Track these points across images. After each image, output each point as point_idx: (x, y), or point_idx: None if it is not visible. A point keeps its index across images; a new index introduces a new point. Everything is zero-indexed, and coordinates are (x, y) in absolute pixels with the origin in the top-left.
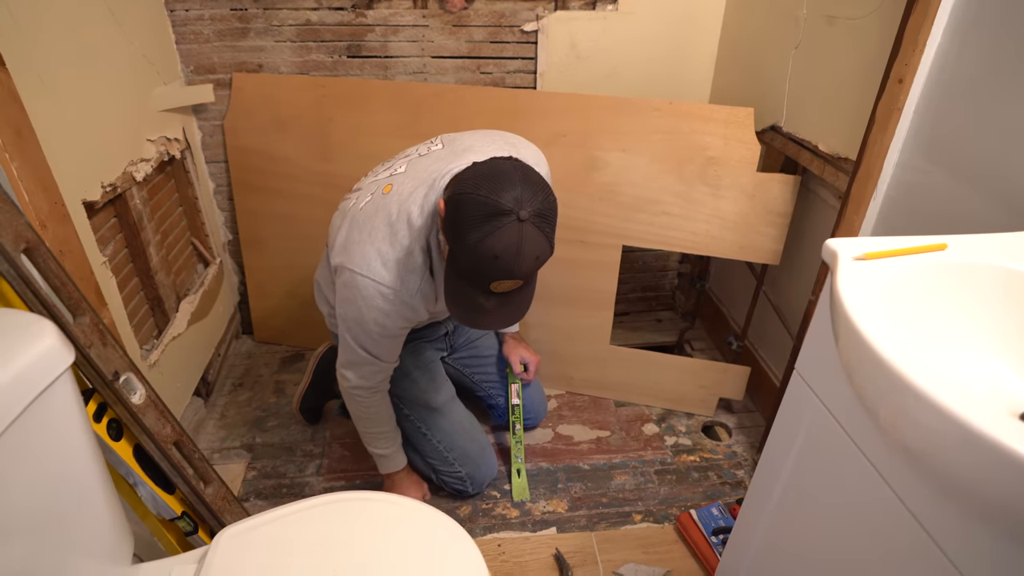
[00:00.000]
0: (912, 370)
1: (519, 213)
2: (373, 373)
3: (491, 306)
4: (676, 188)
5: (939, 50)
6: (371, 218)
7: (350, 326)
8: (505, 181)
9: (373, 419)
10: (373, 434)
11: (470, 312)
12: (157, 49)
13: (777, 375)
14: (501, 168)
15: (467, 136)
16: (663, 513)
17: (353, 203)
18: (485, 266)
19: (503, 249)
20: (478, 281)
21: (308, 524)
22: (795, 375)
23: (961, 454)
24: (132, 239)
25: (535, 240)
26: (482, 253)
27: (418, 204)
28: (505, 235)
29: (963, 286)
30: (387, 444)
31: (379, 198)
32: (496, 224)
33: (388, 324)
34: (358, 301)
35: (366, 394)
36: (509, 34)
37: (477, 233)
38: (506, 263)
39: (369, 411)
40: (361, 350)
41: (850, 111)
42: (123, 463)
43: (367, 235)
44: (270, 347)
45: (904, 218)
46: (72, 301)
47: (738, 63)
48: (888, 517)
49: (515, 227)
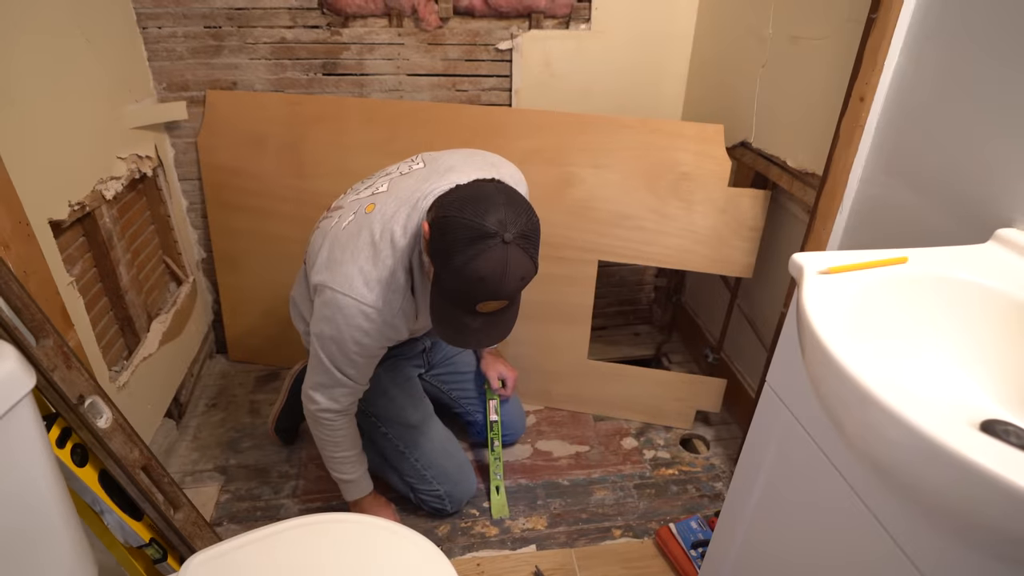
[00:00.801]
0: (874, 382)
1: (504, 235)
2: (344, 395)
3: (477, 326)
4: (650, 203)
5: (896, 69)
6: (354, 238)
7: (326, 345)
8: (489, 204)
9: (340, 443)
10: (340, 459)
11: (457, 332)
12: (129, 66)
13: (753, 387)
14: (485, 191)
15: (448, 155)
16: (643, 527)
17: (335, 222)
18: (471, 288)
19: (489, 271)
20: (464, 302)
21: (280, 548)
22: (766, 387)
23: (923, 465)
24: (101, 258)
25: (520, 261)
26: (468, 275)
27: (401, 224)
28: (491, 258)
29: (923, 298)
30: (353, 469)
31: (361, 217)
32: (481, 247)
33: (368, 344)
34: (338, 320)
35: (334, 417)
36: (484, 52)
37: (463, 256)
38: (492, 285)
39: (336, 435)
40: (336, 370)
41: (816, 128)
42: (88, 490)
43: (350, 255)
44: (245, 366)
45: (869, 231)
46: (35, 323)
47: (708, 81)
48: (858, 527)
49: (500, 249)
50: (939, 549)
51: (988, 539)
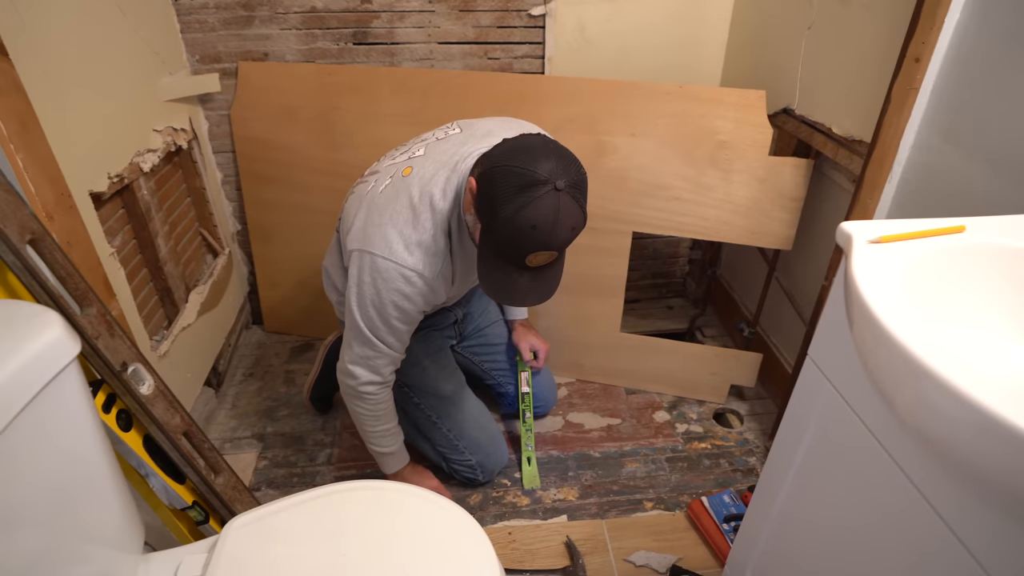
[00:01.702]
0: (929, 355)
1: (556, 183)
2: (385, 365)
3: (525, 281)
4: (686, 173)
5: (958, 27)
6: (391, 201)
7: (366, 312)
8: (539, 153)
9: (381, 416)
10: (380, 432)
11: (504, 288)
12: (162, 38)
13: (789, 362)
14: (533, 142)
15: (485, 122)
16: (674, 501)
17: (371, 187)
18: (522, 237)
19: (541, 219)
20: (514, 255)
21: (317, 513)
22: (808, 361)
23: (979, 441)
24: (140, 230)
25: (571, 210)
26: (519, 224)
27: (440, 187)
28: (543, 205)
29: (982, 269)
30: (392, 441)
31: (399, 181)
32: (533, 194)
33: (408, 308)
34: (379, 284)
35: (377, 390)
36: (516, 18)
37: (514, 204)
38: (544, 233)
39: (378, 408)
40: (376, 339)
41: (865, 92)
42: (133, 454)
43: (388, 218)
44: (280, 337)
45: (920, 201)
46: (79, 292)
47: (749, 45)
48: (903, 505)
49: (552, 196)
50: (992, 528)
51: None
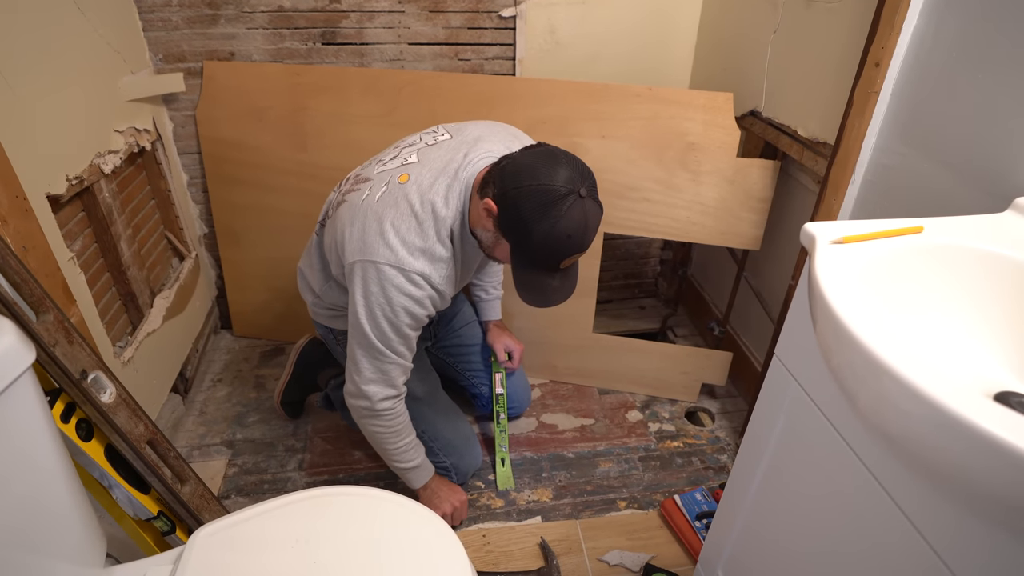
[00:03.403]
0: (888, 352)
1: (579, 191)
2: (399, 374)
3: (557, 283)
4: (657, 174)
5: (915, 32)
6: (391, 208)
7: (377, 324)
8: (554, 165)
9: (401, 430)
10: (402, 448)
11: (542, 294)
12: (123, 37)
13: (759, 360)
14: (543, 156)
15: (471, 126)
16: (647, 499)
17: (366, 195)
18: (559, 247)
19: (574, 228)
20: (550, 264)
21: (287, 520)
22: (775, 360)
23: (937, 437)
24: (102, 234)
25: (595, 212)
26: (556, 237)
27: (442, 195)
28: (573, 215)
29: (940, 268)
30: (416, 453)
31: (396, 188)
32: (562, 207)
33: (418, 313)
34: (389, 292)
35: (394, 404)
36: (487, 20)
37: (547, 221)
38: (578, 240)
39: (397, 423)
40: (388, 350)
41: (828, 95)
42: (96, 465)
43: (390, 226)
44: (250, 341)
45: (882, 202)
46: (34, 298)
47: (718, 48)
48: (867, 500)
49: (579, 205)
50: (950, 522)
51: (1000, 511)
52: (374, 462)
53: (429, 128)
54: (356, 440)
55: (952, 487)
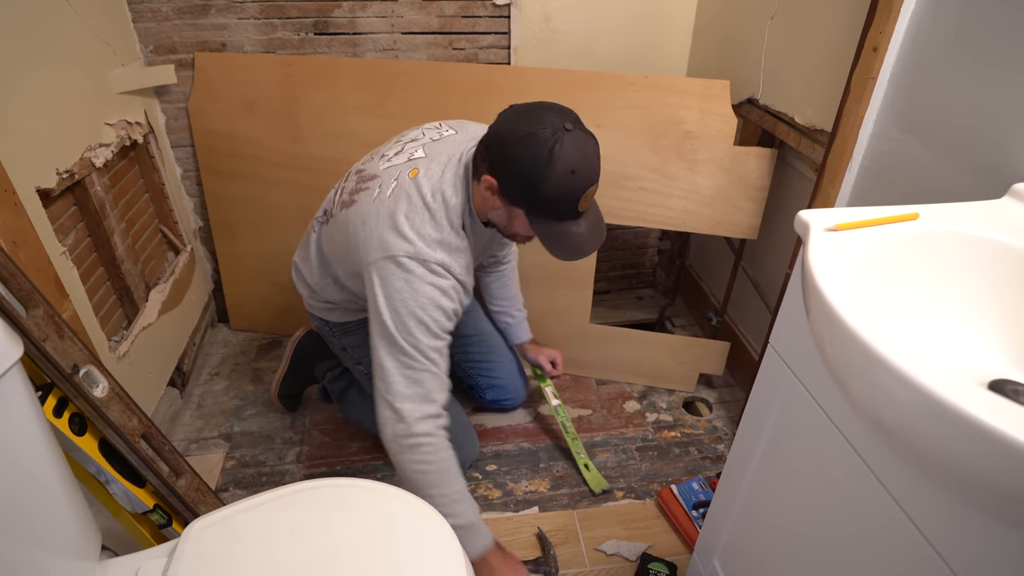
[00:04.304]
0: (882, 341)
1: (564, 125)
2: (437, 387)
3: (584, 229)
4: (652, 163)
5: (913, 17)
6: (404, 202)
7: (402, 322)
8: (528, 115)
9: (447, 470)
10: (450, 497)
11: (572, 245)
12: (113, 28)
13: (756, 349)
14: (517, 112)
15: (474, 124)
16: (644, 489)
17: (377, 193)
18: (570, 187)
19: (575, 161)
20: (569, 207)
21: (283, 512)
22: (769, 349)
23: (930, 425)
24: (95, 228)
25: (589, 141)
26: (559, 177)
27: (450, 184)
28: (567, 150)
29: (935, 255)
30: (468, 507)
31: (406, 183)
32: (554, 148)
33: (446, 305)
34: (413, 283)
35: (433, 427)
36: (481, 8)
37: (546, 166)
38: (584, 172)
39: (439, 457)
40: (417, 353)
41: (826, 82)
42: (91, 460)
43: (404, 219)
44: (247, 335)
45: (880, 189)
46: (23, 293)
47: (715, 35)
48: (860, 488)
49: (570, 137)
50: (941, 510)
51: (993, 499)
52: (371, 454)
53: (432, 123)
54: (353, 432)
55: (943, 475)
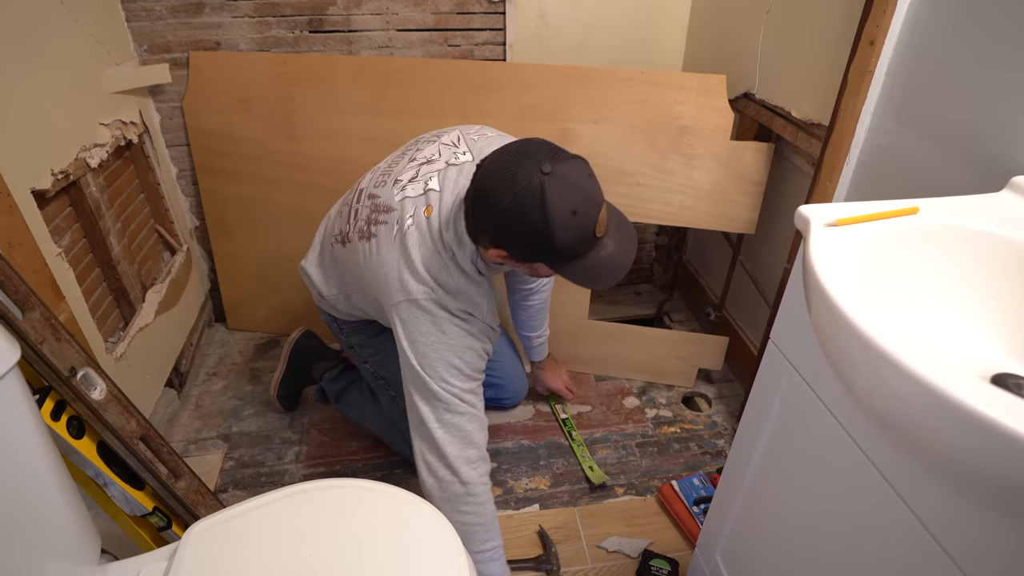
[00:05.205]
0: (884, 336)
1: (542, 169)
2: (476, 430)
3: (612, 247)
4: (649, 158)
5: (910, 9)
6: (423, 246)
7: (436, 370)
8: (504, 172)
9: (490, 523)
10: (489, 553)
11: (606, 271)
12: (106, 28)
13: (755, 344)
14: (489, 173)
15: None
16: (645, 485)
17: (396, 230)
18: (578, 228)
19: (573, 201)
20: (586, 244)
21: (283, 514)
22: (770, 344)
23: (933, 419)
24: (90, 228)
25: (576, 168)
26: (563, 225)
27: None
28: (558, 195)
29: (935, 249)
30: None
31: (422, 222)
32: (544, 201)
33: (479, 348)
34: (443, 326)
35: (480, 476)
36: (476, 4)
37: (546, 225)
38: (585, 206)
39: (486, 510)
40: (458, 400)
41: (822, 76)
42: (90, 463)
43: (421, 265)
44: (244, 334)
45: (877, 183)
46: (19, 295)
47: (710, 30)
48: (862, 482)
49: (554, 181)
50: (942, 503)
51: (993, 492)
52: (370, 453)
53: (450, 134)
54: (352, 432)
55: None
